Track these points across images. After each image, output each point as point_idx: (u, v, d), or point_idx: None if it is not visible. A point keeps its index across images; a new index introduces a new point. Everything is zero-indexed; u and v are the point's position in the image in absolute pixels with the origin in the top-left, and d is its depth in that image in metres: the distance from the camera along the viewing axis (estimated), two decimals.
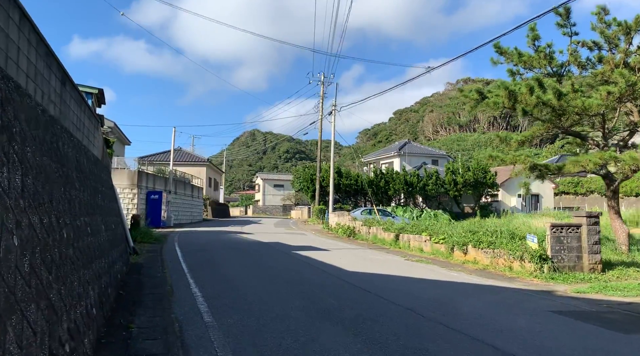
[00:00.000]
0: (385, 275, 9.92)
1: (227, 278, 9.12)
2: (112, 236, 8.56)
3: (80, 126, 8.32)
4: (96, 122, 10.75)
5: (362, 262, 12.15)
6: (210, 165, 48.50)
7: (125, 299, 7.25)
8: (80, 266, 4.97)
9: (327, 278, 9.31)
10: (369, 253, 14.44)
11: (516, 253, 10.88)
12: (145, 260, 11.94)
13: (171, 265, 11.04)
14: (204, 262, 11.60)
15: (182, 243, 16.91)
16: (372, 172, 41.32)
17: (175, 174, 31.94)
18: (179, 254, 13.34)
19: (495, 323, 5.93)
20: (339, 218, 23.53)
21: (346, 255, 13.67)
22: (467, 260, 12.55)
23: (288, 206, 72.62)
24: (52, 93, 6.04)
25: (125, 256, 10.61)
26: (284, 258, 12.61)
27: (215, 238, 19.66)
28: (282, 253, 13.82)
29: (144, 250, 14.22)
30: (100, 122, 12.89)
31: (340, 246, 16.99)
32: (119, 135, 27.26)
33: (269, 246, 16.06)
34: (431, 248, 14.42)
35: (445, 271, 10.94)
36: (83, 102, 8.67)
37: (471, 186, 40.43)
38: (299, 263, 11.58)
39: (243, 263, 11.55)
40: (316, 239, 19.81)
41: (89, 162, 7.89)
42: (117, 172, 24.10)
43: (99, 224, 7.13)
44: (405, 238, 16.08)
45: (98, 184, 8.31)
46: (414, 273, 10.45)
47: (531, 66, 13.13)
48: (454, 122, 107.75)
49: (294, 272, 9.98)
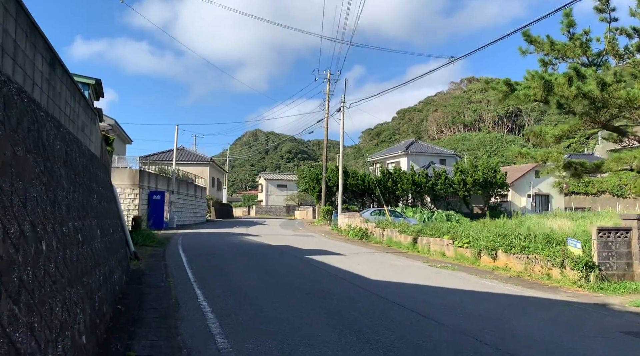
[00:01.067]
0: (413, 285, 8.91)
1: (238, 289, 8.12)
2: (109, 241, 7.59)
3: (75, 118, 7.35)
4: (93, 116, 9.79)
5: (382, 268, 11.14)
6: (214, 164, 47.56)
7: (124, 316, 6.27)
8: (66, 284, 3.99)
9: (350, 288, 8.31)
10: (387, 258, 13.43)
11: (555, 259, 9.86)
12: (147, 266, 10.96)
13: (175, 272, 10.06)
14: (211, 268, 10.61)
15: (186, 246, 15.93)
16: (380, 171, 40.29)
17: (178, 174, 30.99)
18: (184, 259, 12.36)
19: (570, 351, 4.92)
20: (349, 220, 22.52)
21: (363, 260, 12.67)
22: (497, 266, 11.55)
23: (291, 206, 71.59)
24: (37, 75, 5.06)
25: (125, 263, 9.63)
26: (298, 264, 11.62)
27: (221, 240, 18.68)
28: (295, 258, 12.83)
29: (146, 254, 13.26)
30: (98, 116, 11.92)
31: (354, 249, 15.99)
32: (119, 133, 26.32)
33: (279, 250, 15.06)
34: (454, 253, 13.40)
35: (476, 279, 9.93)
36: (77, 92, 7.69)
37: (481, 186, 39.39)
38: (315, 270, 10.58)
39: (254, 269, 10.55)
40: (327, 242, 18.80)
41: (83, 158, 6.92)
42: (118, 172, 23.14)
43: (93, 230, 6.15)
44: (425, 242, 15.06)
45: (93, 183, 7.33)
46: (444, 281, 9.44)
47: (564, 56, 12.10)
48: (459, 122, 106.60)
49: (312, 281, 8.98)
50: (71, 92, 7.13)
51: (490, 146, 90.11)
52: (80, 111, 8.02)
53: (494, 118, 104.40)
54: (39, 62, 5.20)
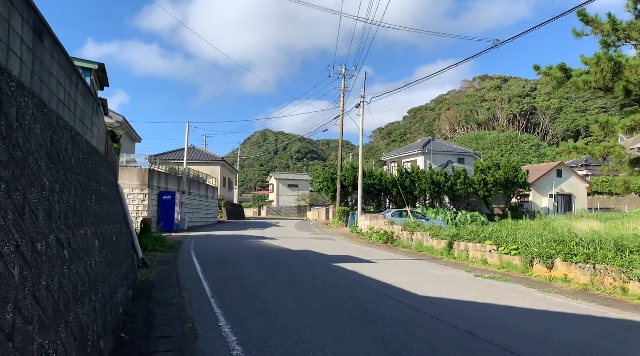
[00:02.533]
0: (471, 303, 7.50)
1: (266, 308, 6.77)
2: (112, 252, 6.29)
3: (70, 104, 6.06)
4: (95, 105, 8.51)
5: (426, 280, 9.72)
6: (225, 164, 46.37)
7: (128, 348, 4.95)
8: (35, 332, 2.66)
9: (400, 308, 6.93)
10: (424, 266, 12.01)
11: (633, 271, 8.39)
12: (156, 276, 9.67)
13: (189, 285, 8.74)
14: (230, 279, 9.28)
15: (200, 251, 14.65)
16: (397, 170, 38.79)
17: (189, 173, 29.79)
18: (198, 267, 11.06)
19: None
20: (370, 221, 21.10)
21: (399, 269, 11.26)
22: (554, 277, 10.09)
23: (303, 206, 70.27)
24: (14, 41, 3.77)
25: (133, 274, 8.34)
26: (328, 274, 10.23)
27: (236, 244, 17.38)
28: (322, 267, 11.45)
29: (156, 261, 11.99)
30: (102, 107, 10.63)
31: (384, 255, 14.58)
32: (128, 131, 25.16)
33: (301, 256, 13.70)
34: (499, 260, 11.95)
35: (539, 293, 8.49)
36: (75, 74, 6.41)
37: (502, 186, 37.72)
38: (350, 283, 9.19)
39: (279, 280, 9.20)
40: (350, 247, 17.41)
41: (79, 150, 5.61)
42: (126, 171, 21.96)
43: (88, 241, 4.84)
44: (462, 247, 13.61)
45: (92, 182, 6.03)
46: (504, 297, 8.01)
47: (628, 37, 10.62)
48: (472, 120, 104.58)
49: (351, 298, 7.60)
50: (66, 73, 5.83)
51: (505, 144, 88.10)
52: (79, 96, 6.74)
53: (508, 116, 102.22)
54: (17, 25, 3.89)
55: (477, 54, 12.40)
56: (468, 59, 15.98)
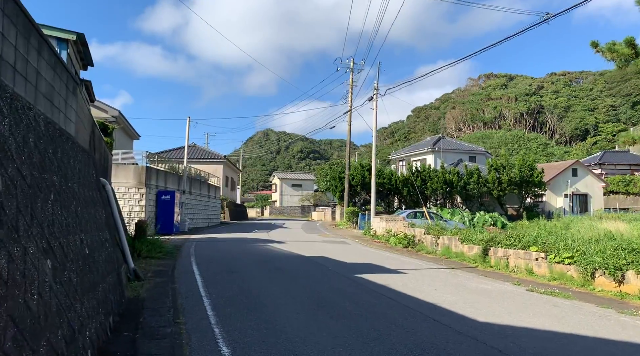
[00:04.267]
0: (551, 333, 5.82)
1: (288, 344, 5.11)
2: (82, 272, 4.64)
3: (28, 73, 4.45)
4: (72, 84, 6.87)
5: (473, 297, 8.04)
6: (228, 162, 44.71)
7: None
8: None
9: (462, 342, 5.25)
10: (462, 278, 10.32)
11: None
12: (149, 292, 8.02)
13: (188, 305, 7.09)
14: (238, 298, 7.62)
15: (201, 258, 13.00)
16: (407, 169, 37.10)
17: (189, 172, 28.14)
18: (198, 279, 9.40)
19: None
20: (387, 224, 19.40)
21: (435, 282, 9.58)
22: (626, 293, 8.41)
23: (307, 207, 68.61)
24: None
25: (117, 293, 6.69)
26: (355, 290, 8.55)
27: (242, 249, 15.72)
28: (344, 278, 9.77)
29: (150, 271, 10.35)
30: (85, 89, 8.98)
31: (409, 263, 12.91)
32: (124, 125, 23.51)
33: (317, 264, 12.03)
34: (549, 270, 10.26)
35: (627, 318, 6.80)
36: (35, 33, 4.76)
37: (516, 185, 36.02)
38: (385, 303, 7.52)
39: (298, 299, 7.54)
40: (368, 252, 15.73)
41: (29, 131, 3.96)
42: (122, 169, 20.33)
43: (38, 264, 3.20)
44: (500, 254, 11.92)
45: (53, 177, 4.39)
46: (584, 324, 6.33)
47: None
48: (478, 119, 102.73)
49: (397, 328, 5.92)
50: (17, 27, 4.17)
51: (512, 143, 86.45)
52: (45, 67, 5.09)
53: (515, 115, 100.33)
54: None
55: (527, 29, 10.69)
56: (495, 45, 14.29)
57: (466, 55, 15.95)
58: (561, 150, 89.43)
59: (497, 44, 13.89)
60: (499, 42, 13.24)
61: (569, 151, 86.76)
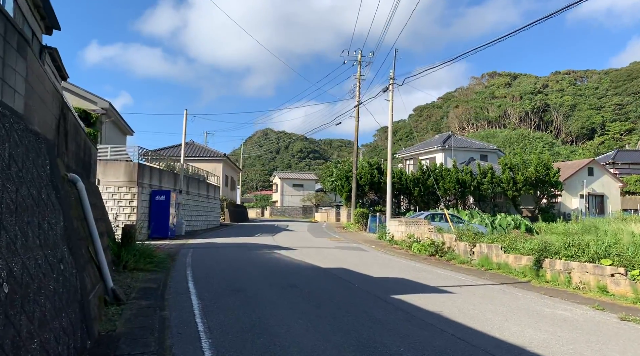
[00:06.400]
0: None
1: None
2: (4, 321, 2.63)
3: None
4: (19, 40, 4.86)
5: (562, 333, 6.03)
6: (228, 161, 42.62)
7: None
8: None
9: None
10: (527, 300, 8.26)
11: None
12: (129, 324, 5.97)
13: (180, 349, 5.05)
14: (248, 334, 5.58)
15: (199, 270, 10.96)
16: (418, 168, 35.10)
17: (187, 170, 26.08)
18: (195, 304, 7.35)
19: None
20: (407, 227, 17.36)
21: (496, 307, 7.55)
22: None
23: (308, 207, 66.59)
24: None
25: (78, 335, 4.67)
26: (403, 324, 6.49)
27: (247, 258, 13.68)
28: (380, 302, 7.72)
29: (135, 289, 8.34)
30: (47, 57, 7.00)
31: (446, 277, 10.87)
32: (116, 119, 21.45)
33: (341, 281, 9.97)
34: (632, 289, 8.25)
35: None
36: None
37: (532, 185, 34.04)
38: (449, 342, 5.49)
39: (329, 339, 5.50)
40: (392, 261, 13.67)
41: None
42: (111, 166, 18.28)
43: None
44: (558, 267, 9.90)
45: None
46: None
47: None
48: (482, 118, 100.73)
49: None
50: None
51: (517, 143, 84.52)
52: None
53: (519, 114, 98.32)
54: None
55: (560, 11, 9.11)
56: (507, 35, 12.33)
57: (473, 49, 14.43)
58: (567, 150, 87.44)
59: (500, 39, 11.93)
60: (500, 38, 11.29)
61: (576, 151, 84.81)
